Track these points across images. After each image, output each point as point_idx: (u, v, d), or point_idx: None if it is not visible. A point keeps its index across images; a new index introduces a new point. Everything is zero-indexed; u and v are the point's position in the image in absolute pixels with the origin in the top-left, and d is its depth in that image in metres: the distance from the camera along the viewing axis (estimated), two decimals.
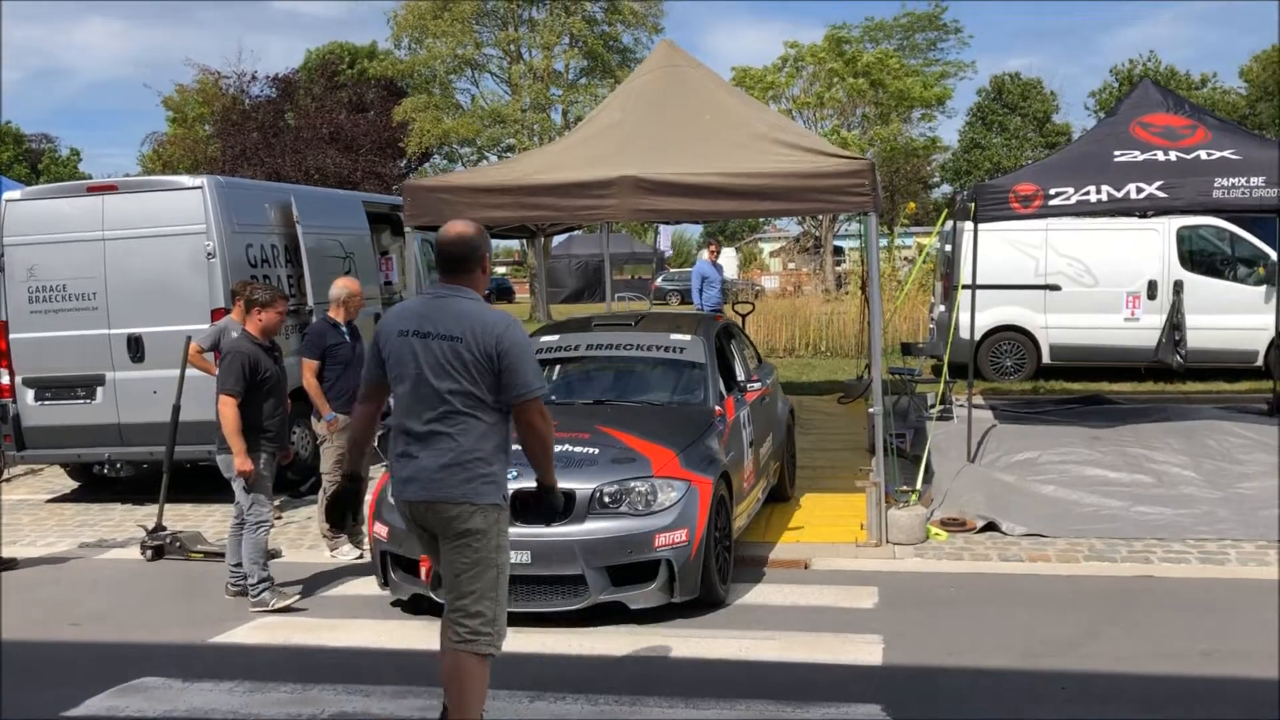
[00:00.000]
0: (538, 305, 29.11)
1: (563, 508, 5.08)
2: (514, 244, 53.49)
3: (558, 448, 5.22)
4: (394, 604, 6.29)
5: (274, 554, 7.66)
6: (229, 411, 6.39)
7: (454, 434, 4.00)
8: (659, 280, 38.20)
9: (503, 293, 50.19)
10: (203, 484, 9.57)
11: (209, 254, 8.86)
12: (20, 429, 9.32)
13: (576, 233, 40.38)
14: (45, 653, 5.91)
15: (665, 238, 40.11)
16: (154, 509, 7.95)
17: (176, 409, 7.91)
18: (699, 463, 6.09)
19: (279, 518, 8.67)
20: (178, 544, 7.68)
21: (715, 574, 6.08)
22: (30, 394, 9.30)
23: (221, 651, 5.82)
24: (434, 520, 4.06)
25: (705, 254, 15.78)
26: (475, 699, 4.06)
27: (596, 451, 6.14)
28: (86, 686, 5.24)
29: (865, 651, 5.44)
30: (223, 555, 7.57)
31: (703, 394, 7.21)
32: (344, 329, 7.62)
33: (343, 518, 4.60)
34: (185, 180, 9.24)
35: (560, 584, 5.84)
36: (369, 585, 6.89)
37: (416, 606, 6.18)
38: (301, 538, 8.16)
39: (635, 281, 41.40)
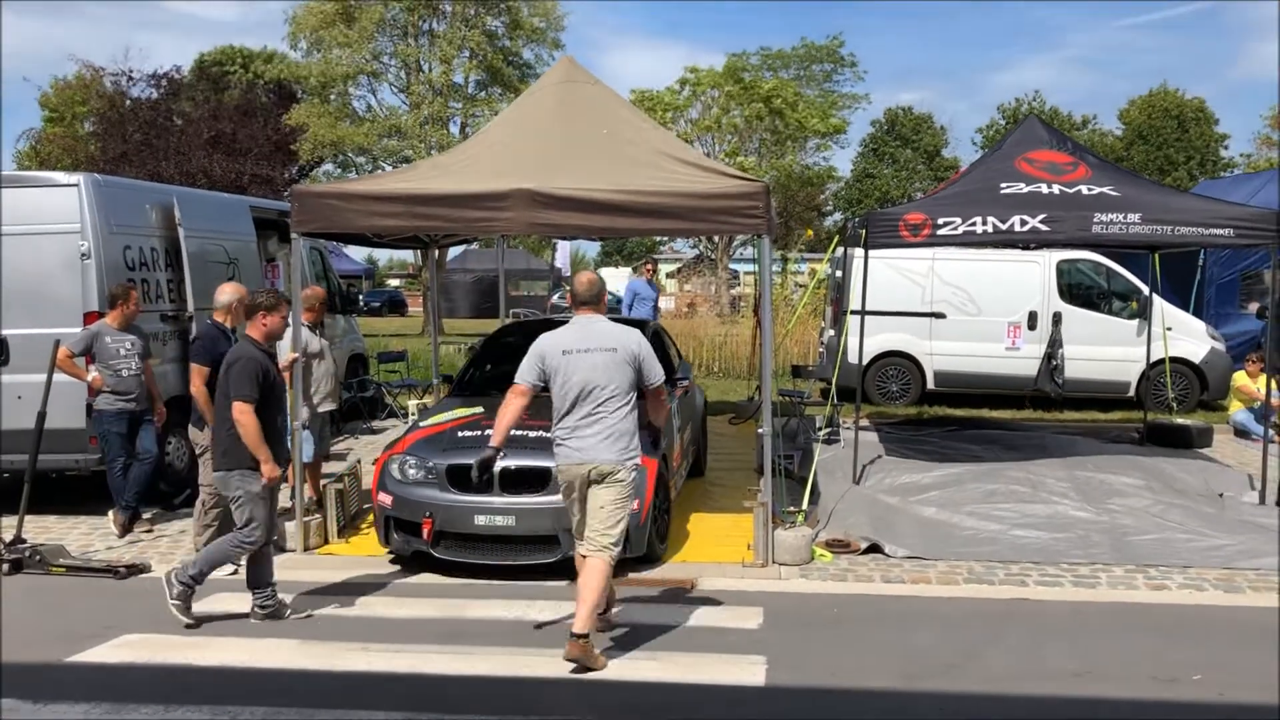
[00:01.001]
0: (429, 320, 28.70)
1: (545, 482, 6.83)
2: (409, 256, 52.85)
3: (534, 433, 6.97)
4: (392, 561, 7.46)
5: (144, 568, 7.36)
6: (250, 419, 6.06)
7: (610, 417, 5.64)
8: (555, 297, 38.09)
9: (395, 305, 49.46)
10: (67, 495, 9.16)
11: (83, 255, 8.48)
12: None
13: (472, 246, 40.09)
14: None
15: (563, 254, 40.07)
16: (13, 520, 7.53)
17: (42, 415, 7.53)
18: (646, 446, 6.38)
19: (149, 530, 8.34)
20: (38, 557, 7.30)
21: (655, 537, 7.38)
22: None
23: (80, 671, 5.52)
24: (595, 476, 5.64)
25: (640, 273, 16.01)
26: (606, 589, 5.73)
27: None
28: None
29: (748, 672, 5.44)
30: (87, 570, 7.26)
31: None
32: (232, 335, 7.36)
33: (489, 482, 6.42)
34: (60, 177, 8.83)
35: (538, 543, 7.04)
36: (240, 602, 6.65)
37: (414, 562, 7.30)
38: (174, 551, 7.82)
39: (531, 298, 41.21)
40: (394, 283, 65.20)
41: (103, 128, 33.29)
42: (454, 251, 37.56)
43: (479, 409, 7.89)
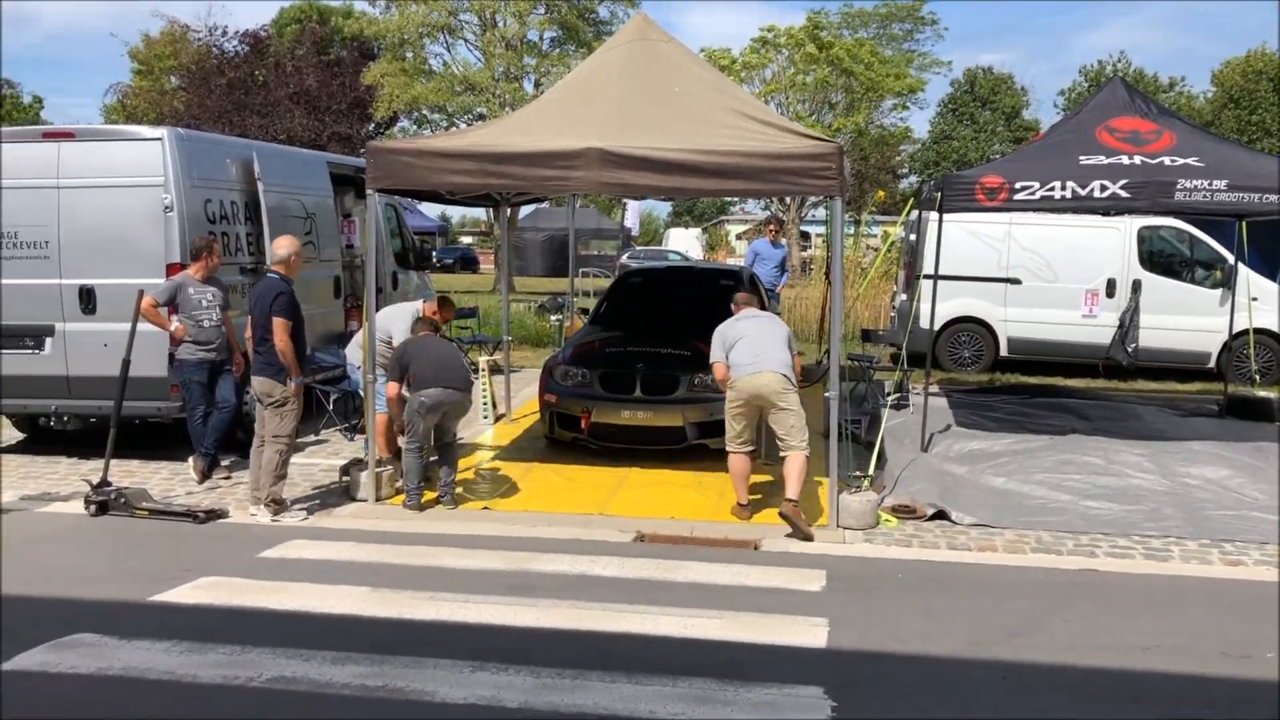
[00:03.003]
0: (500, 277, 28.92)
1: (674, 387, 9.06)
2: (481, 214, 53.18)
3: (664, 350, 9.42)
4: (550, 443, 9.56)
5: (222, 513, 7.59)
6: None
7: (781, 352, 7.43)
8: (624, 257, 38.09)
9: (467, 263, 49.86)
10: (150, 440, 9.45)
11: (166, 207, 8.68)
12: None
13: (543, 205, 40.21)
14: None
15: (632, 215, 40.05)
16: (100, 463, 7.81)
17: (126, 363, 7.76)
18: None
19: (227, 477, 8.58)
20: (123, 500, 7.56)
21: None
22: None
23: (160, 610, 5.73)
24: (763, 386, 7.31)
25: (764, 233, 16.13)
26: (804, 476, 7.24)
27: (690, 354, 9.15)
28: (21, 641, 5.14)
29: (810, 634, 5.46)
30: (168, 514, 7.51)
31: None
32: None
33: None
34: (145, 131, 9.03)
35: (670, 433, 8.94)
36: (312, 548, 6.86)
37: (571, 448, 9.33)
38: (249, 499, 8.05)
39: (600, 257, 41.27)
40: (466, 240, 65.71)
41: (189, 83, 33.90)
42: (525, 210, 37.73)
43: (617, 333, 10.13)
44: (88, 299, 8.86)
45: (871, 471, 8.17)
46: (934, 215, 9.40)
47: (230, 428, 8.62)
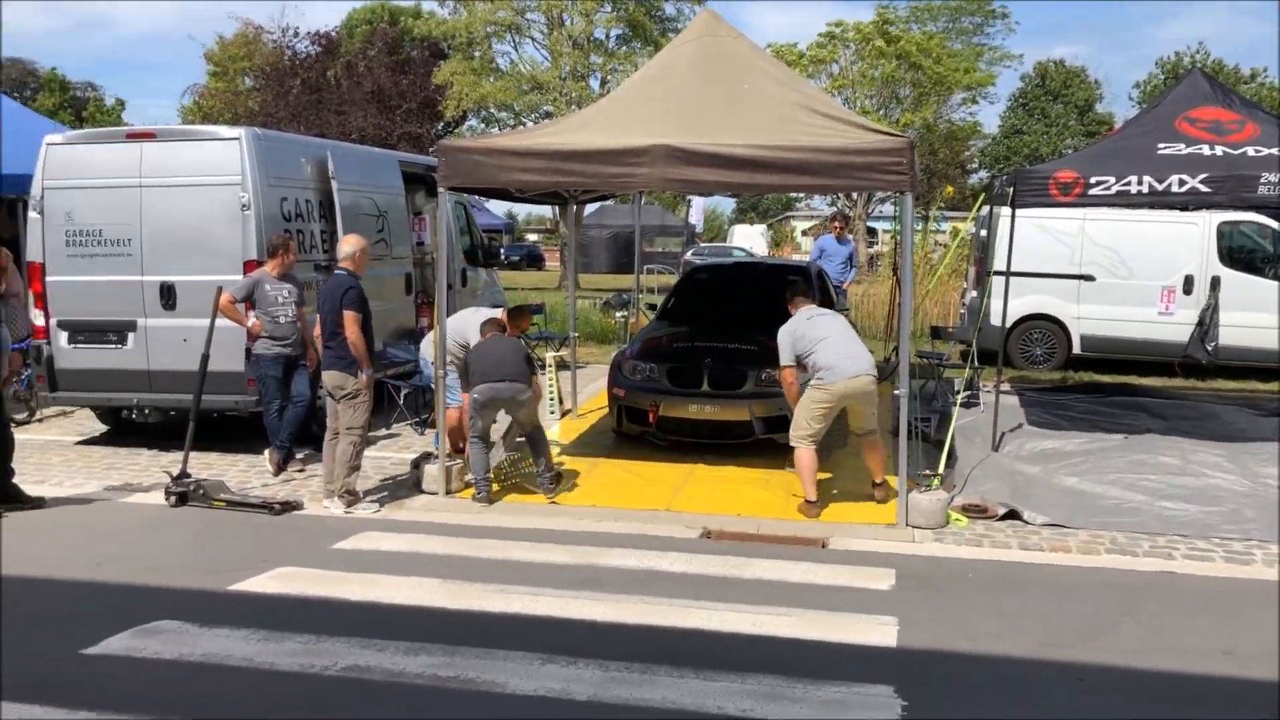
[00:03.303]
0: (566, 274, 29.04)
1: (742, 382, 9.06)
2: (546, 211, 53.49)
3: (732, 345, 9.36)
4: (618, 436, 9.70)
5: (297, 505, 7.75)
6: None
7: (865, 349, 7.56)
8: (689, 254, 38.06)
9: (533, 260, 50.19)
10: (227, 433, 9.68)
11: (244, 206, 8.88)
12: (53, 370, 9.42)
13: (608, 202, 40.29)
14: (67, 591, 5.99)
15: (697, 211, 39.99)
16: (179, 456, 8.02)
17: (205, 358, 7.96)
18: None
19: (301, 470, 8.75)
20: (201, 491, 7.76)
21: None
22: (64, 336, 9.39)
23: (239, 599, 5.87)
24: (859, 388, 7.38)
25: (828, 229, 16.09)
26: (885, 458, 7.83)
27: (757, 349, 9.06)
28: (105, 627, 5.30)
29: (879, 633, 5.43)
30: (245, 505, 7.68)
31: None
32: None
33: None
34: (223, 131, 9.25)
35: (737, 427, 9.02)
36: (384, 540, 6.98)
37: (637, 443, 9.42)
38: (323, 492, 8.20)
39: (665, 254, 41.28)
40: (532, 237, 66.15)
41: (263, 83, 34.58)
42: (591, 207, 37.88)
43: (684, 328, 10.11)
44: (168, 295, 9.10)
45: (941, 470, 8.09)
46: (1005, 211, 9.28)
47: (305, 422, 8.79)
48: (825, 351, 7.45)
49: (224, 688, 4.68)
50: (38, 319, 9.39)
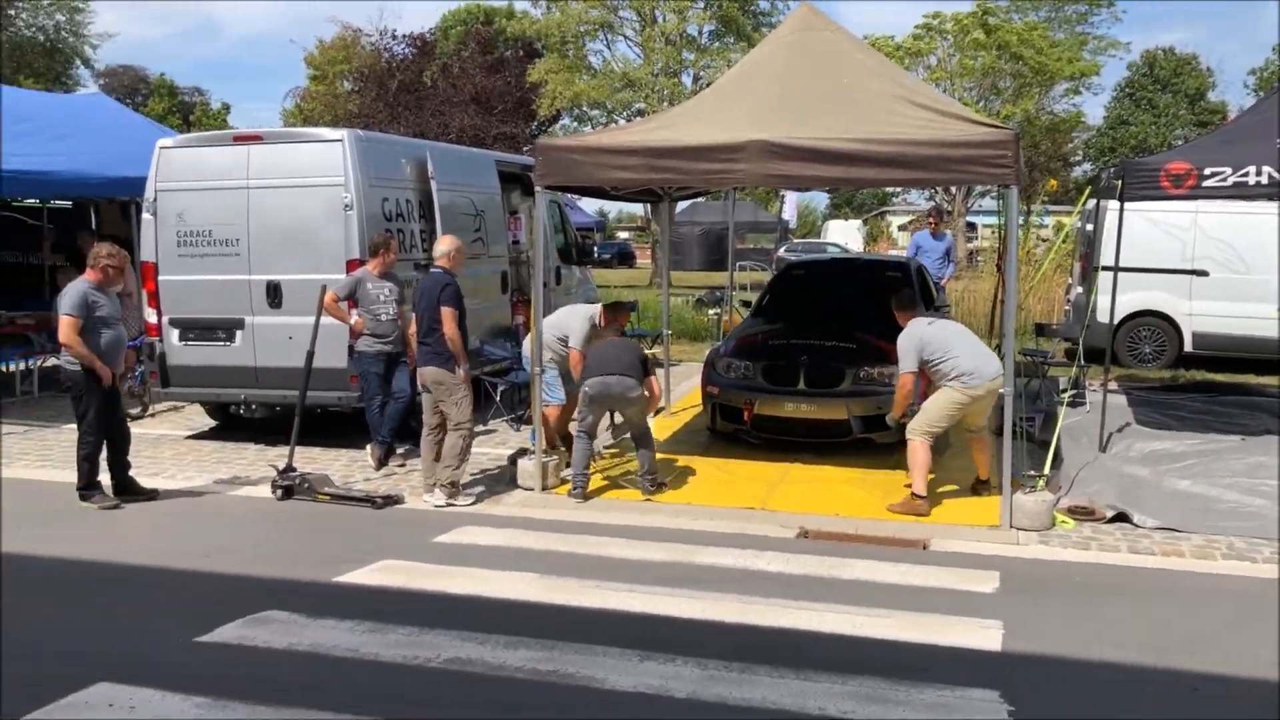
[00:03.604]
0: (659, 272, 29.06)
1: (839, 380, 8.87)
2: (638, 209, 53.63)
3: (829, 343, 9.18)
4: (712, 434, 9.59)
5: (399, 499, 7.89)
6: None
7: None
8: (782, 250, 37.75)
9: (624, 258, 50.33)
10: (331, 429, 9.89)
11: (346, 206, 9.06)
12: (165, 367, 9.74)
13: (700, 199, 40.20)
14: (180, 580, 6.18)
15: (790, 207, 39.59)
16: (285, 450, 8.22)
17: (310, 355, 8.13)
18: None
19: (402, 465, 8.90)
20: (306, 485, 7.94)
21: None
22: (175, 334, 9.70)
23: (344, 591, 6.00)
24: (996, 389, 7.31)
25: (922, 224, 15.93)
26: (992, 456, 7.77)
27: (855, 347, 9.04)
28: (217, 615, 5.46)
29: (983, 636, 5.30)
30: (349, 499, 7.84)
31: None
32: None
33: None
34: (327, 133, 9.45)
35: (834, 426, 8.87)
36: (482, 535, 7.06)
37: (731, 441, 9.33)
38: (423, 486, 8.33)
39: (757, 251, 41.02)
40: (623, 235, 66.37)
41: (361, 86, 35.34)
42: (683, 204, 37.83)
43: (780, 325, 9.92)
44: (274, 294, 9.33)
45: (1047, 471, 7.87)
46: (1113, 204, 8.99)
47: (405, 417, 8.93)
48: (958, 359, 7.39)
49: (332, 678, 4.78)
50: (151, 317, 9.73)
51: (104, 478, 7.80)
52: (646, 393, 7.94)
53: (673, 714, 4.43)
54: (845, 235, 47.79)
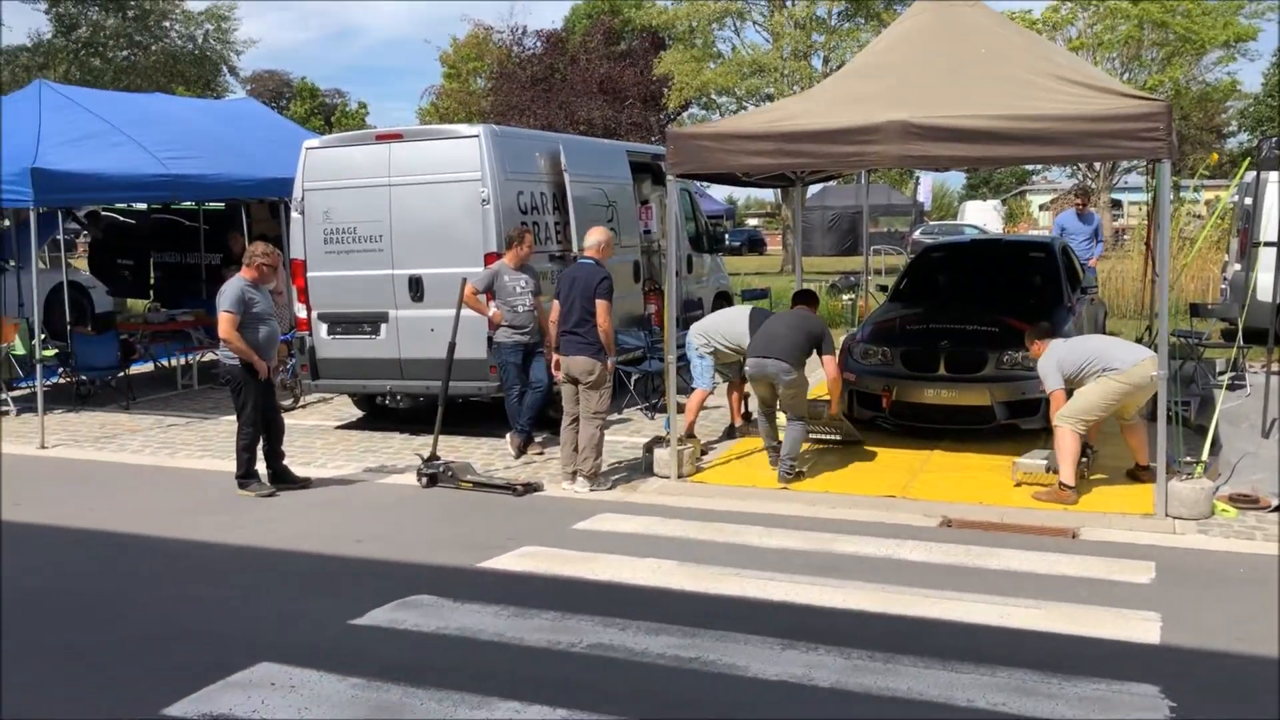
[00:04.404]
0: (790, 257, 28.79)
1: (981, 365, 8.61)
2: (767, 195, 53.24)
3: (969, 327, 8.96)
4: (852, 420, 9.04)
5: (538, 487, 8.02)
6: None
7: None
8: (917, 233, 36.97)
9: (754, 245, 50.05)
10: (473, 418, 10.13)
11: (484, 200, 9.24)
12: (315, 360, 10.13)
13: (831, 184, 39.66)
14: (334, 565, 6.43)
15: (925, 189, 38.71)
16: (429, 439, 8.45)
17: (452, 346, 8.33)
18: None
19: (541, 453, 9.06)
20: (450, 473, 8.15)
21: None
22: (324, 328, 10.07)
23: (488, 576, 6.14)
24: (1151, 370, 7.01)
25: (1066, 204, 15.36)
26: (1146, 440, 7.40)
27: (997, 331, 8.76)
28: (369, 599, 5.66)
29: (1140, 629, 5.11)
30: (490, 486, 8.02)
31: (1057, 291, 9.86)
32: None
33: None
34: (463, 130, 9.66)
35: (977, 413, 8.62)
36: (621, 522, 7.14)
37: (869, 428, 9.08)
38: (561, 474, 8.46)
39: (891, 234, 40.27)
40: (753, 222, 65.99)
41: (494, 82, 36.00)
42: (813, 189, 37.42)
43: (918, 309, 9.72)
44: (416, 288, 9.59)
45: (1205, 457, 7.52)
46: (1274, 176, 8.52)
47: (543, 406, 9.08)
48: (1103, 354, 7.20)
49: (479, 661, 4.90)
50: (300, 312, 10.13)
51: (260, 467, 8.16)
52: (800, 377, 7.83)
53: (817, 703, 4.39)
54: (983, 216, 46.56)
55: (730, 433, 9.42)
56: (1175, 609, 5.34)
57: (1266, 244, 10.13)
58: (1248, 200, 13.27)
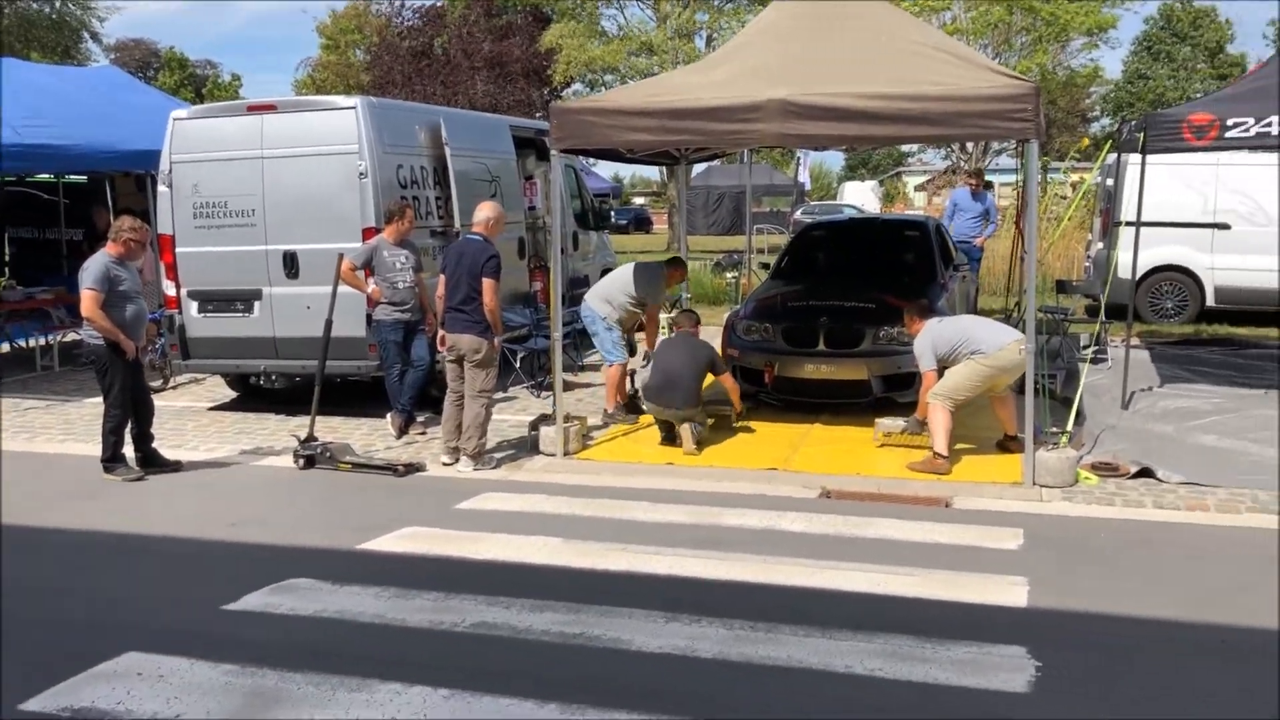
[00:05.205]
0: (676, 236, 28.96)
1: (859, 340, 8.75)
2: (653, 174, 53.43)
3: (848, 303, 9.07)
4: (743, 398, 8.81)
5: (420, 467, 7.91)
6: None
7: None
8: (798, 213, 37.52)
9: (640, 223, 50.16)
10: (352, 398, 9.92)
11: (361, 174, 9.02)
12: (185, 339, 9.77)
13: (716, 163, 39.94)
14: (207, 550, 6.23)
15: (805, 169, 39.27)
16: (306, 420, 8.25)
17: (329, 324, 8.12)
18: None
19: (423, 433, 8.92)
20: (328, 454, 7.97)
21: None
22: (194, 306, 9.71)
23: (368, 558, 6.02)
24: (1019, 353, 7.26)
25: (962, 182, 15.68)
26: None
27: (875, 307, 8.92)
28: (243, 584, 5.49)
29: (1009, 592, 5.29)
30: (370, 467, 7.87)
31: (931, 269, 10.06)
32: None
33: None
34: (340, 101, 9.41)
35: (855, 387, 8.79)
36: (505, 501, 7.09)
37: (753, 403, 9.05)
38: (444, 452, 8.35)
39: (773, 214, 40.78)
40: (639, 200, 66.12)
41: (373, 57, 35.18)
42: (698, 168, 37.61)
43: (799, 286, 9.86)
44: (291, 264, 9.32)
45: (1070, 428, 7.83)
46: (1134, 158, 8.89)
47: (425, 385, 8.94)
48: (973, 339, 7.42)
49: (359, 643, 4.80)
50: (169, 290, 9.75)
51: (128, 450, 7.85)
52: (700, 408, 8.17)
53: (700, 674, 4.44)
54: (861, 196, 47.51)
55: (631, 404, 9.38)
56: (1042, 573, 5.55)
57: (1127, 224, 10.56)
58: (1110, 182, 13.86)
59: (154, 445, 7.99)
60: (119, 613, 5.23)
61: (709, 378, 8.33)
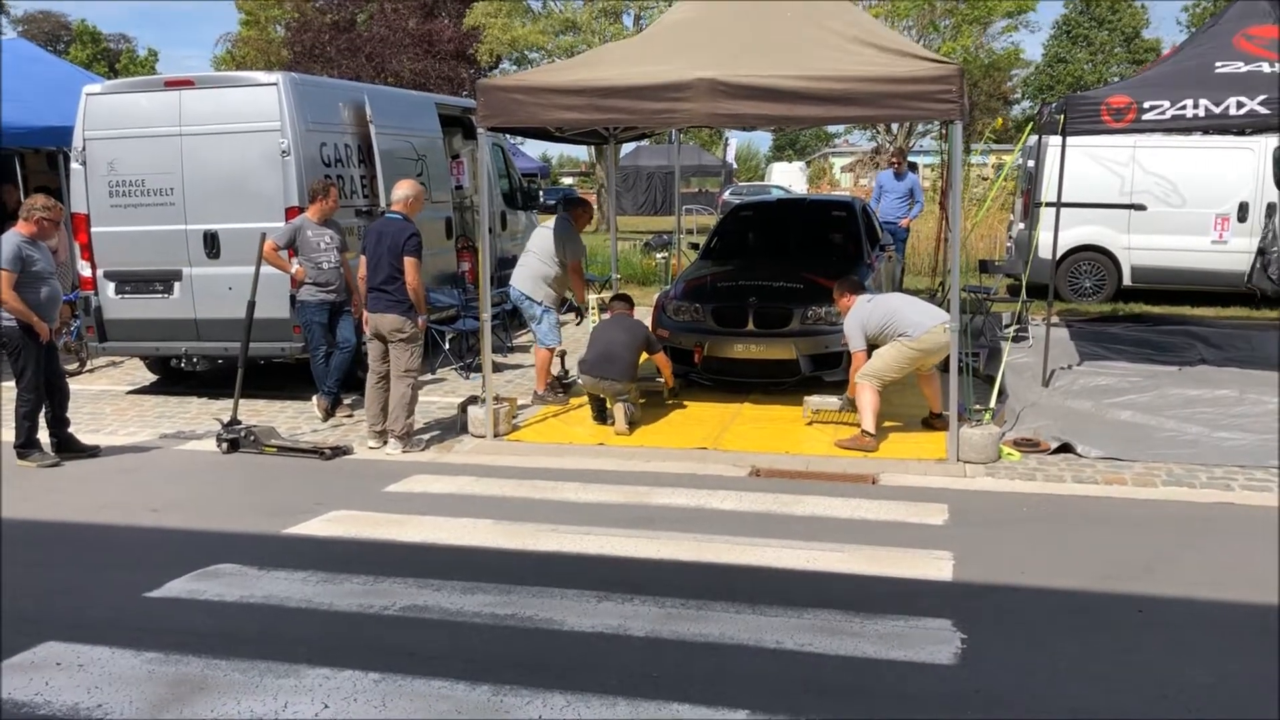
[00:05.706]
0: (605, 216, 28.84)
1: (787, 320, 8.83)
2: (581, 154, 53.15)
3: (777, 284, 9.18)
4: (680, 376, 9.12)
5: (347, 450, 7.80)
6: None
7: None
8: (726, 193, 37.66)
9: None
10: (276, 380, 9.74)
11: (284, 151, 8.84)
12: (101, 321, 9.50)
13: (645, 143, 39.89)
14: (127, 536, 6.08)
15: (731, 150, 39.39)
16: (229, 403, 8.09)
17: (251, 305, 7.97)
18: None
19: (350, 415, 8.80)
20: (252, 438, 7.83)
21: None
22: (111, 287, 9.46)
23: (295, 542, 5.93)
24: (945, 336, 7.39)
25: (888, 163, 15.73)
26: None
27: (803, 287, 9.03)
28: (166, 570, 5.38)
29: (934, 567, 5.39)
30: (296, 450, 7.75)
31: (858, 249, 10.19)
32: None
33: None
34: (261, 77, 9.20)
35: (783, 366, 8.84)
36: (434, 483, 7.03)
37: (683, 383, 9.19)
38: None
39: (702, 194, 40.88)
40: (567, 180, 65.80)
41: (294, 32, 34.44)
42: (627, 148, 37.56)
43: (728, 267, 9.93)
44: (212, 244, 9.12)
45: (992, 405, 7.99)
46: (1055, 140, 9.06)
47: (351, 367, 8.81)
48: (900, 320, 7.52)
49: (286, 628, 4.73)
50: (84, 270, 9.47)
51: (43, 435, 7.63)
52: (633, 385, 8.23)
53: (632, 652, 4.45)
54: (788, 177, 47.79)
55: (561, 385, 9.37)
56: (966, 547, 5.66)
57: (1048, 204, 10.78)
58: (1031, 163, 14.12)
59: (70, 430, 7.79)
60: (37, 602, 5.08)
61: (643, 356, 8.34)
